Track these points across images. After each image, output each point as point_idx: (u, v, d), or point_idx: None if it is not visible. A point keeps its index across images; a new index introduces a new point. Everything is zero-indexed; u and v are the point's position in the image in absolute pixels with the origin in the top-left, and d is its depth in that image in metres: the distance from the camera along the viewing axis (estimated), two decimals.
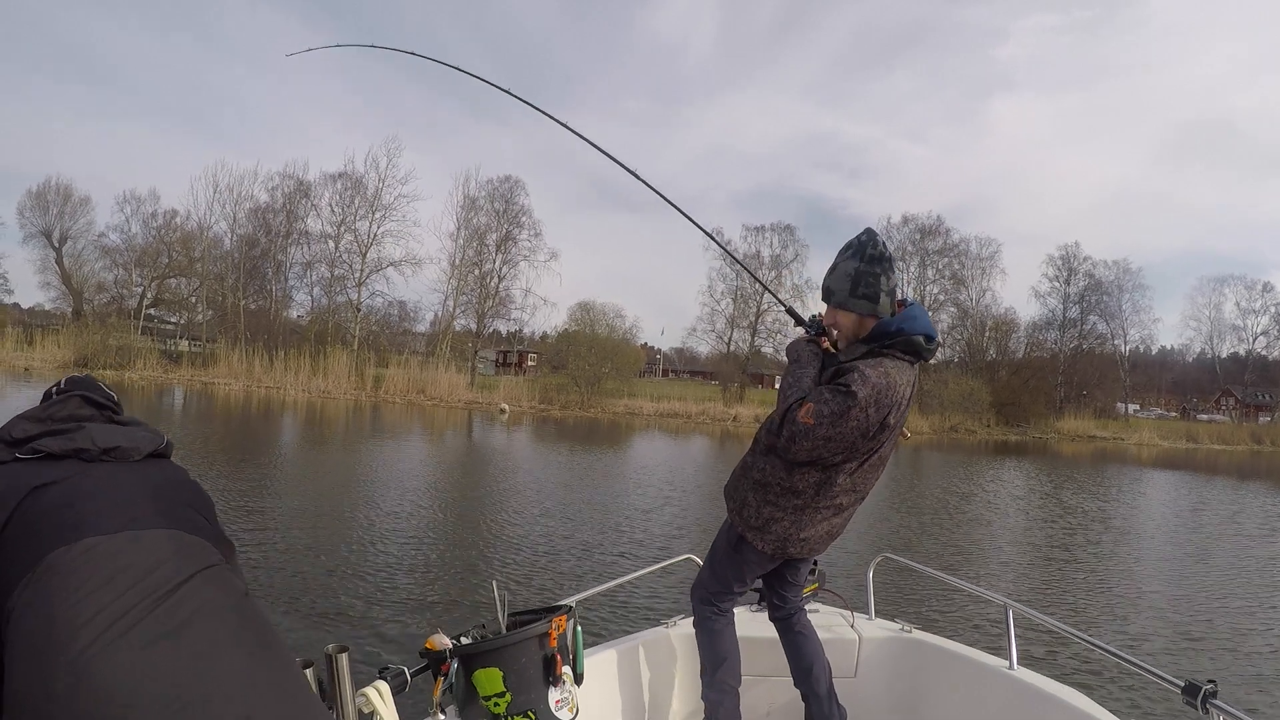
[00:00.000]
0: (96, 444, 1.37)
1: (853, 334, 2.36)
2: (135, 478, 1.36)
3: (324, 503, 10.51)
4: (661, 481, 15.29)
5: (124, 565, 1.12)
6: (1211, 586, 8.82)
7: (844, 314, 2.35)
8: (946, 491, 16.82)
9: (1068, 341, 53.81)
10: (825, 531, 2.40)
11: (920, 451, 29.03)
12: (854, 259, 2.33)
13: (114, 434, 1.41)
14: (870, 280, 2.29)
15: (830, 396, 2.17)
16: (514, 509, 11.16)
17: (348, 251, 44.61)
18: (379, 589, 6.69)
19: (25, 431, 1.37)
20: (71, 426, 1.39)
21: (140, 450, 1.43)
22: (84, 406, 1.47)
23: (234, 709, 1.02)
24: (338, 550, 7.85)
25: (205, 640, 1.08)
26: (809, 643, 2.60)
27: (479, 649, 1.90)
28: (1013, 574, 9.09)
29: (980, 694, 2.60)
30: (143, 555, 1.16)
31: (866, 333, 2.32)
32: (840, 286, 2.33)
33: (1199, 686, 1.84)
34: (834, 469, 2.27)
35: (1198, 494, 20.19)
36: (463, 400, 38.06)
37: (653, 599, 6.58)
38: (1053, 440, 43.14)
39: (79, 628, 1.01)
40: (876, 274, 2.29)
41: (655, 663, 2.83)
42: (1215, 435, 49.68)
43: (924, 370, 49.39)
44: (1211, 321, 61.32)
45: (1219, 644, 6.59)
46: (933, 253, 51.32)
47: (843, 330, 2.37)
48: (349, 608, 6.12)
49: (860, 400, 2.13)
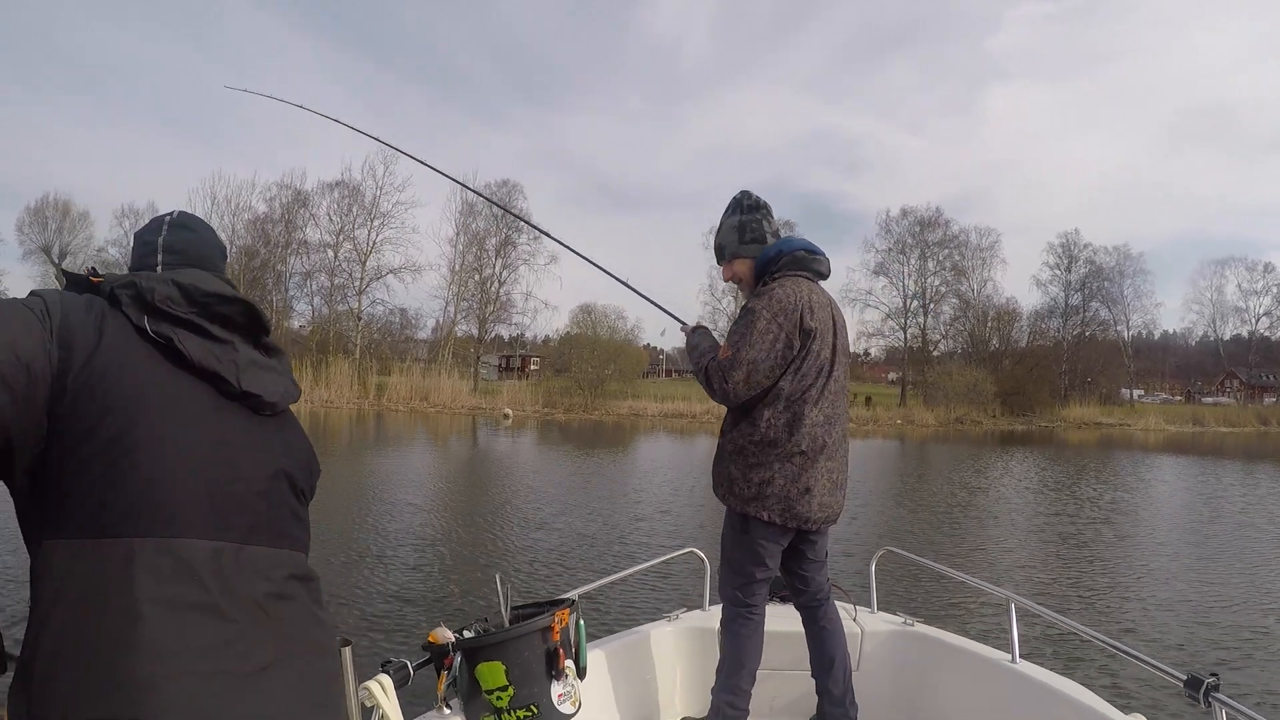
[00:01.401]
0: (240, 381, 1.10)
1: (751, 278, 2.52)
2: (269, 443, 1.14)
3: (328, 503, 10.52)
4: (666, 481, 15.28)
5: (201, 583, 0.97)
6: (1217, 577, 8.78)
7: (740, 262, 2.52)
8: (952, 484, 16.78)
9: (1071, 329, 53.75)
10: (827, 480, 2.35)
11: (926, 445, 28.98)
12: (734, 214, 2.54)
13: (261, 374, 1.15)
14: (753, 226, 2.50)
15: (734, 327, 2.35)
16: (517, 508, 11.18)
17: (347, 260, 44.81)
18: (382, 584, 6.73)
19: (170, 305, 1.06)
20: (224, 339, 1.11)
21: (277, 408, 1.18)
22: (244, 315, 1.15)
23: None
24: (342, 547, 7.89)
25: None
26: (833, 637, 2.54)
27: (482, 643, 1.90)
28: (1015, 567, 9.06)
29: (982, 687, 2.59)
30: (246, 586, 1.02)
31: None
32: (729, 239, 2.53)
33: (1201, 679, 1.82)
34: (797, 403, 2.30)
35: (1207, 479, 20.11)
36: (466, 406, 38.11)
37: (655, 593, 6.58)
38: (1059, 428, 43.01)
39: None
40: (758, 219, 2.51)
41: (658, 656, 2.83)
42: (1221, 418, 49.54)
43: (928, 362, 49.05)
44: (1214, 304, 61.34)
45: (1223, 636, 6.57)
46: (933, 244, 51.37)
47: (744, 279, 2.53)
48: (352, 602, 6.15)
49: (759, 311, 2.29)
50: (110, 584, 0.91)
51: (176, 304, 1.06)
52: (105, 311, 1.03)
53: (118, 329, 1.02)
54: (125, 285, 1.06)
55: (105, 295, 1.06)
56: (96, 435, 0.94)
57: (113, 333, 1.01)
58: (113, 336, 1.00)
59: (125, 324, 1.03)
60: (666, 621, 2.97)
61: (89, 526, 0.93)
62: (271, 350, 1.21)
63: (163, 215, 1.27)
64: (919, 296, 51.42)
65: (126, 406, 0.97)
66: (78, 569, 0.91)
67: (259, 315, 1.17)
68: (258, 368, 1.14)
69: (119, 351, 0.99)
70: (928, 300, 51.43)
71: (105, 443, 0.94)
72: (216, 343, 1.09)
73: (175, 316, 1.06)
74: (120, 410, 0.96)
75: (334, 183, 45.02)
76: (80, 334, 0.98)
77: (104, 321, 1.01)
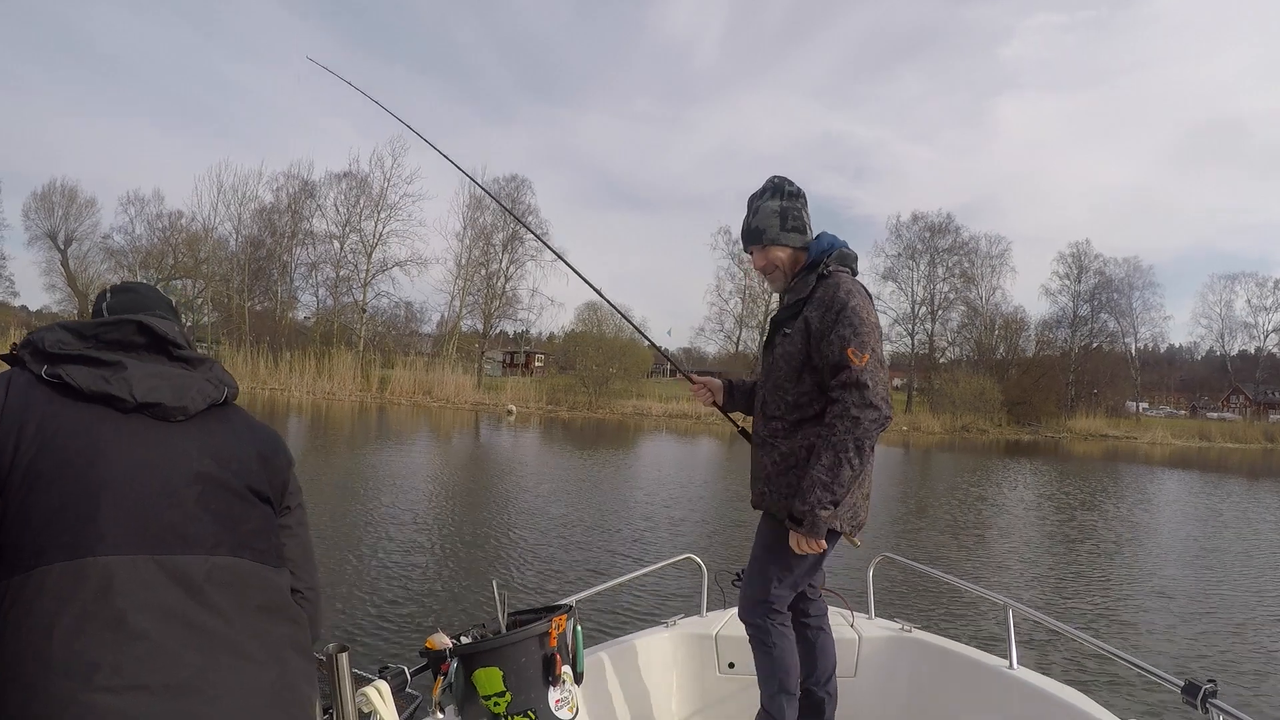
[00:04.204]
0: (135, 395, 1.12)
1: (790, 268, 2.41)
2: (179, 449, 1.14)
3: (326, 503, 10.53)
4: (669, 482, 15.27)
5: (137, 605, 0.99)
6: (1216, 587, 8.75)
7: (778, 249, 2.40)
8: (955, 494, 16.73)
9: (1078, 340, 53.55)
10: (872, 479, 2.34)
11: (931, 453, 28.89)
12: (774, 198, 2.39)
13: (161, 384, 1.15)
14: (795, 214, 2.38)
15: (840, 328, 2.15)
16: (517, 510, 11.17)
17: (353, 252, 44.86)
18: (380, 589, 6.71)
19: (61, 346, 1.12)
20: (112, 361, 1.13)
21: (188, 410, 1.17)
22: (139, 334, 1.18)
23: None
24: (339, 550, 7.87)
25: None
26: (828, 639, 2.53)
27: (479, 648, 1.89)
28: (1014, 575, 9.04)
29: (980, 694, 2.58)
30: (160, 597, 1.01)
31: (801, 265, 2.39)
32: (769, 224, 2.38)
33: (1199, 686, 1.82)
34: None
35: (1212, 493, 20.01)
36: (469, 401, 38.15)
37: (653, 599, 6.57)
38: (1065, 440, 42.88)
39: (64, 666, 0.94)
40: (799, 208, 2.40)
41: (655, 662, 2.82)
42: (1228, 433, 49.28)
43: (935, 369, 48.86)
44: (1222, 319, 60.95)
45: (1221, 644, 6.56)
46: (942, 251, 51.19)
47: (782, 266, 2.41)
48: (349, 607, 6.14)
49: (858, 301, 2.19)
50: (29, 613, 0.96)
51: (67, 344, 1.13)
52: (13, 377, 1.11)
53: (20, 386, 1.09)
54: (24, 344, 1.16)
55: (13, 360, 1.16)
56: (11, 484, 1.02)
57: (15, 391, 1.08)
58: (14, 396, 1.08)
59: (29, 379, 1.11)
60: (664, 628, 2.97)
61: (15, 567, 0.99)
62: (190, 360, 1.24)
63: (108, 285, 1.43)
64: (927, 302, 51.33)
65: (31, 450, 1.03)
66: (9, 606, 0.97)
67: (153, 330, 1.19)
68: (156, 378, 1.16)
69: (20, 406, 1.07)
70: (936, 306, 51.34)
71: (15, 488, 1.02)
72: (104, 366, 1.13)
73: (66, 355, 1.12)
74: (25, 456, 1.03)
75: (341, 173, 45.15)
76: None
77: (9, 387, 1.09)
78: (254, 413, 1.41)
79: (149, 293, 1.38)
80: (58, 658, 0.92)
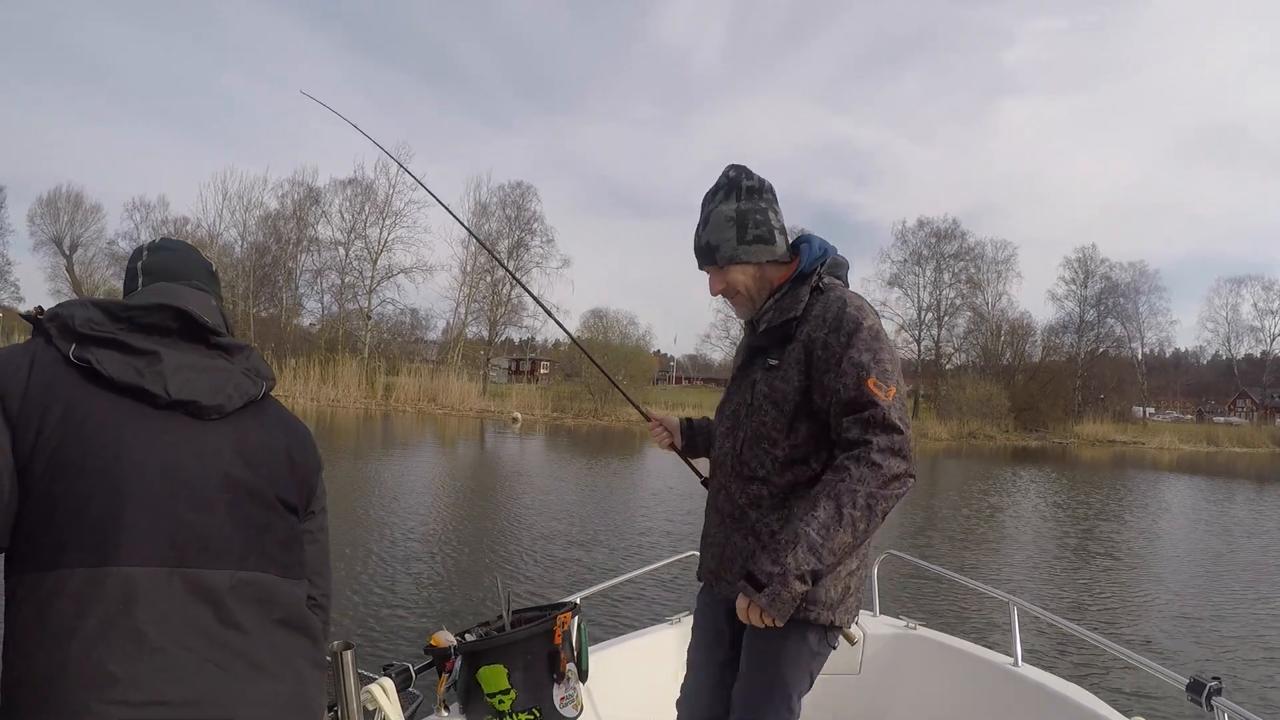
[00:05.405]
0: (169, 391, 1.05)
1: (758, 290, 1.85)
2: (211, 448, 1.08)
3: (330, 506, 10.49)
4: (670, 486, 15.24)
5: (158, 619, 0.96)
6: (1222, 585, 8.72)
7: (738, 269, 1.82)
8: (962, 499, 16.65)
9: (1085, 345, 53.35)
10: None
11: (938, 459, 28.75)
12: (729, 199, 1.82)
13: (196, 377, 1.09)
14: (758, 217, 1.79)
15: (855, 354, 1.62)
16: (521, 512, 11.19)
17: (358, 259, 44.90)
18: (385, 587, 6.75)
19: (92, 327, 1.04)
20: (147, 350, 1.06)
21: (224, 409, 1.11)
22: (175, 320, 1.10)
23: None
24: (344, 549, 7.89)
25: None
26: None
27: (483, 646, 1.89)
28: (1019, 574, 9.01)
29: (984, 691, 2.59)
30: (182, 612, 0.99)
31: (777, 281, 1.84)
32: (723, 237, 1.80)
33: (1204, 683, 1.83)
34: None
35: (1220, 497, 19.89)
36: (474, 409, 38.14)
37: (657, 595, 6.57)
38: (1072, 445, 42.67)
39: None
40: (763, 208, 1.81)
41: (660, 659, 2.82)
42: (1236, 438, 48.99)
43: (941, 376, 48.54)
44: (1229, 323, 60.67)
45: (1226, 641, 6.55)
46: (949, 256, 51.08)
47: (746, 290, 1.85)
48: (354, 605, 6.16)
49: (871, 321, 1.68)
50: (47, 615, 0.93)
51: (99, 324, 1.05)
52: (38, 350, 1.03)
53: (46, 364, 1.02)
54: (51, 318, 1.06)
55: (41, 332, 1.07)
56: (32, 471, 0.96)
57: (41, 368, 1.01)
58: (40, 373, 1.01)
59: (55, 356, 1.03)
60: (669, 624, 2.97)
61: (31, 560, 0.95)
62: (229, 349, 1.16)
63: (146, 242, 1.31)
64: (934, 308, 51.21)
65: (55, 436, 0.97)
66: (22, 601, 0.94)
67: (191, 318, 1.12)
68: (191, 370, 1.09)
69: (45, 387, 1.00)
70: (942, 312, 51.21)
71: (38, 476, 0.96)
72: (138, 355, 1.05)
73: (97, 337, 1.04)
74: (50, 442, 0.97)
75: (346, 180, 45.16)
76: (11, 385, 0.99)
77: (34, 362, 1.02)
78: None
79: (188, 254, 1.30)
80: (75, 666, 0.90)
